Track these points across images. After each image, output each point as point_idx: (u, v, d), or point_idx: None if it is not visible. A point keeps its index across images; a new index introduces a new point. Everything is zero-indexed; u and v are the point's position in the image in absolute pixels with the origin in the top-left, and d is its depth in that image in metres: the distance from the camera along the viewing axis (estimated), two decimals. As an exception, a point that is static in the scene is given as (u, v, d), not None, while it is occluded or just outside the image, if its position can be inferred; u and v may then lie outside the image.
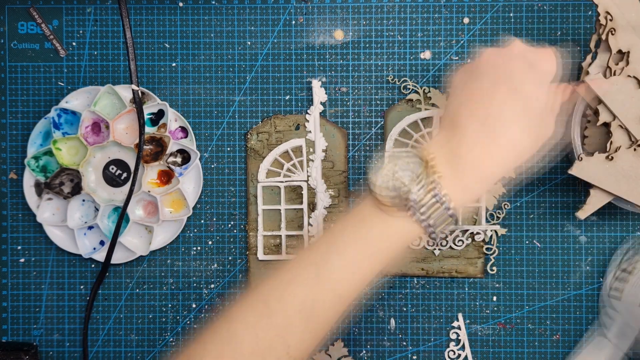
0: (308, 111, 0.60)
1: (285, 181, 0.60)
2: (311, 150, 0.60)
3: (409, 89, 0.60)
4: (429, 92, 0.59)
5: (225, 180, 0.61)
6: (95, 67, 0.60)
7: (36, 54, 0.60)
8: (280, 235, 0.60)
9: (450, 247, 0.60)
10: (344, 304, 0.44)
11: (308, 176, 0.60)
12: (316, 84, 0.59)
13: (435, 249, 0.59)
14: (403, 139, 0.60)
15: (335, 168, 0.60)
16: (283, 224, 0.60)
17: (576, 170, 0.52)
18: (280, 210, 0.60)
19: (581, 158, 0.52)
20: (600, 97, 0.52)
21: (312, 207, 0.60)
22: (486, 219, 0.60)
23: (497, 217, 0.60)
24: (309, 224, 0.59)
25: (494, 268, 0.60)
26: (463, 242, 0.59)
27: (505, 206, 0.60)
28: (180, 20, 0.60)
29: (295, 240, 0.60)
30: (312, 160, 0.60)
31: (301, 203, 0.60)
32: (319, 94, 0.59)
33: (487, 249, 0.60)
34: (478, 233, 0.59)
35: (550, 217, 0.60)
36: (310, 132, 0.60)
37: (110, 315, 0.61)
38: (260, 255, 0.60)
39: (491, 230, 0.59)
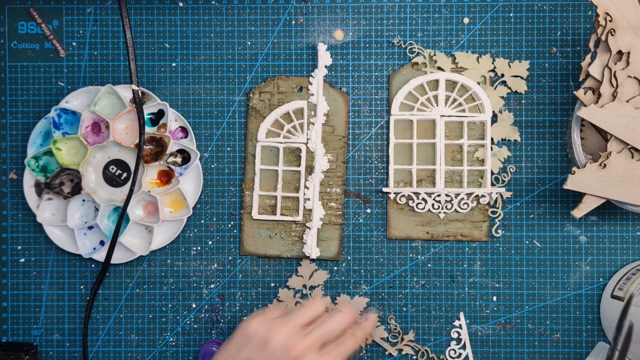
0: (312, 74, 0.60)
1: (285, 142, 0.60)
2: (312, 113, 0.59)
3: (415, 52, 0.60)
4: (435, 55, 0.59)
5: (225, 180, 0.61)
6: (95, 67, 0.60)
7: (36, 54, 0.60)
8: (276, 196, 0.60)
9: (456, 210, 0.59)
10: None
11: (308, 139, 0.59)
12: (322, 47, 0.59)
13: (440, 212, 0.59)
14: (409, 102, 0.59)
15: (336, 133, 0.60)
16: (280, 184, 0.60)
17: (571, 184, 0.52)
18: (277, 171, 0.60)
19: (574, 172, 0.52)
20: (599, 126, 0.51)
21: (309, 170, 0.59)
22: (491, 182, 0.59)
23: (502, 180, 0.59)
24: (306, 187, 0.59)
25: (499, 231, 0.59)
26: (468, 205, 0.59)
27: (511, 169, 0.59)
28: (180, 20, 0.60)
29: (291, 202, 0.60)
30: (313, 123, 0.59)
31: (299, 165, 0.60)
32: (324, 57, 0.59)
33: (492, 212, 0.59)
34: (483, 196, 0.59)
35: (550, 217, 0.60)
36: (312, 94, 0.59)
37: (110, 315, 0.61)
38: (255, 215, 0.59)
39: (496, 193, 0.59)
